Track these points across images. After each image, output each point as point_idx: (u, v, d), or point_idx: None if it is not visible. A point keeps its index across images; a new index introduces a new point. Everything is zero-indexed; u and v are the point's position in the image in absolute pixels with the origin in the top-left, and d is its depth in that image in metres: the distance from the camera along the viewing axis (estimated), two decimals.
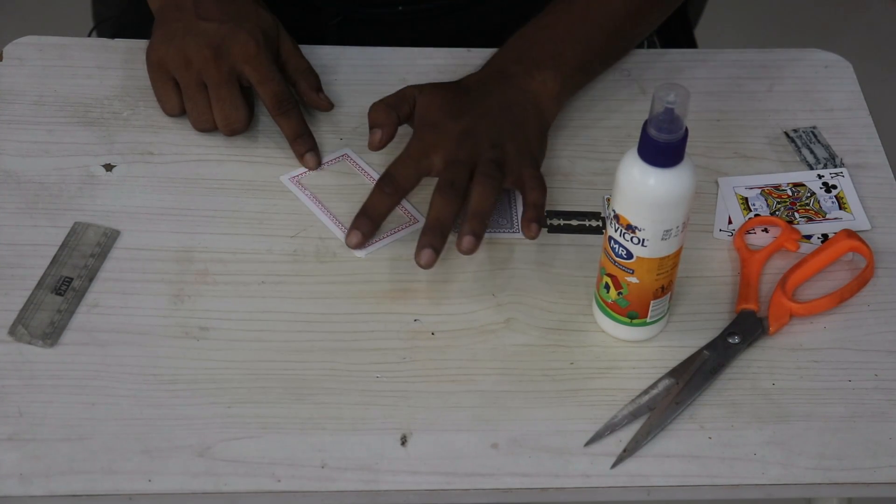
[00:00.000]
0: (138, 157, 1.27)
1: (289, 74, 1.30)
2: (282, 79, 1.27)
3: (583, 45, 1.31)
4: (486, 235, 1.23)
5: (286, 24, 1.32)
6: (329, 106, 1.30)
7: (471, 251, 1.17)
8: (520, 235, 1.23)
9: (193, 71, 1.26)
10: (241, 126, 1.28)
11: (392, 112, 1.25)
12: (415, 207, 1.25)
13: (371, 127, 1.24)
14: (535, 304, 1.18)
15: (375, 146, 1.24)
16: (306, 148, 1.27)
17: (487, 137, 1.22)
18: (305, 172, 1.27)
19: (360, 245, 1.20)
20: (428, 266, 1.16)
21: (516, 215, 1.24)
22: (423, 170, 1.21)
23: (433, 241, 1.17)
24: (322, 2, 1.47)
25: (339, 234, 1.22)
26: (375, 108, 1.25)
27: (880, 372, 1.16)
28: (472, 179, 1.20)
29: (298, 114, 1.28)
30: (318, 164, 1.27)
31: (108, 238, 1.20)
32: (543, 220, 1.20)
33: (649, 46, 1.51)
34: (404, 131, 1.26)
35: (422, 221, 1.23)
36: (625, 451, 1.09)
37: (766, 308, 1.19)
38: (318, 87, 1.31)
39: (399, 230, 1.23)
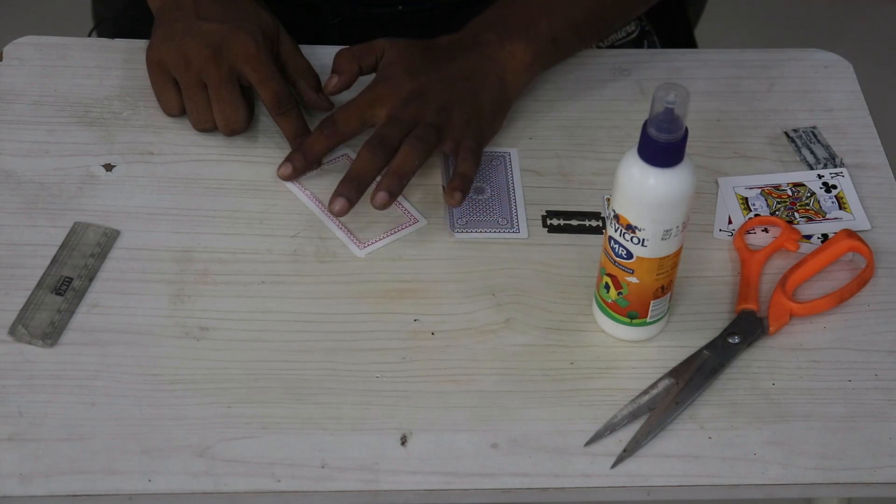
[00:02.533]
0: (138, 157, 1.27)
1: (289, 74, 1.30)
2: (282, 79, 1.27)
3: (560, 18, 1.31)
4: (486, 236, 1.23)
5: (286, 24, 1.32)
6: (329, 106, 1.30)
7: (382, 207, 1.19)
8: (520, 235, 1.23)
9: (193, 71, 1.26)
10: (240, 126, 1.28)
11: (354, 61, 1.28)
12: (414, 207, 1.25)
13: (332, 72, 1.28)
14: (535, 304, 1.18)
15: (330, 90, 1.28)
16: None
17: (436, 101, 1.24)
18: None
19: (290, 178, 1.24)
20: (340, 214, 1.20)
21: (515, 215, 1.24)
22: (366, 120, 1.25)
23: (349, 192, 1.20)
24: (322, 2, 1.47)
25: (340, 234, 1.22)
26: (340, 55, 1.28)
27: (880, 372, 1.16)
28: (405, 139, 1.22)
29: (298, 114, 1.28)
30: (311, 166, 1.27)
31: (108, 238, 1.20)
32: (467, 190, 1.21)
33: (649, 46, 1.51)
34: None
35: (423, 222, 1.23)
36: (625, 451, 1.09)
37: (766, 308, 1.19)
38: (318, 87, 1.31)
39: (399, 230, 1.23)
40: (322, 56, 1.36)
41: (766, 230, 1.25)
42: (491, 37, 1.28)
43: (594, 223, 1.25)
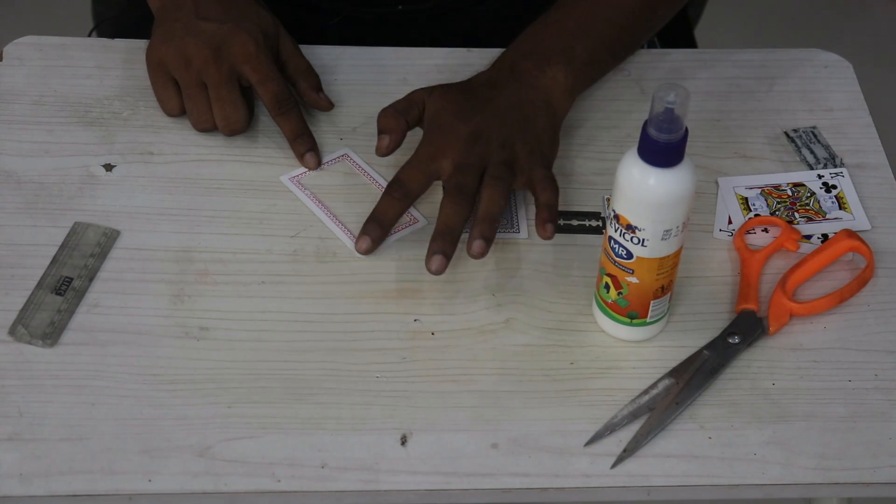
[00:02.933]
0: (138, 157, 1.27)
1: (289, 74, 1.30)
2: (282, 79, 1.27)
3: (593, 39, 1.30)
4: None
5: (286, 24, 1.32)
6: (329, 106, 1.30)
7: (481, 255, 1.17)
8: (520, 235, 1.23)
9: (193, 71, 1.26)
10: (241, 126, 1.28)
11: (400, 117, 1.24)
12: (414, 207, 1.25)
13: (379, 133, 1.24)
14: (535, 304, 1.18)
15: (383, 152, 1.24)
16: (306, 148, 1.27)
17: (497, 138, 1.22)
18: (305, 172, 1.27)
19: (370, 251, 1.20)
20: (438, 272, 1.16)
21: (515, 214, 1.24)
22: (431, 174, 1.21)
23: (444, 248, 1.17)
24: (322, 2, 1.47)
25: (340, 234, 1.22)
26: (384, 114, 1.25)
27: (880, 372, 1.16)
28: (482, 182, 1.20)
29: (298, 114, 1.28)
30: (318, 163, 1.27)
31: (108, 238, 1.20)
32: (556, 219, 1.20)
33: (649, 47, 1.51)
34: (414, 136, 1.26)
35: (423, 222, 1.23)
36: (625, 451, 1.09)
37: (766, 308, 1.19)
38: (318, 87, 1.31)
39: (399, 230, 1.23)
40: (322, 56, 1.36)
41: (766, 230, 1.25)
42: (529, 65, 1.27)
43: (594, 223, 1.25)
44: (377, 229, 1.20)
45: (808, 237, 1.25)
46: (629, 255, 1.11)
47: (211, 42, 1.25)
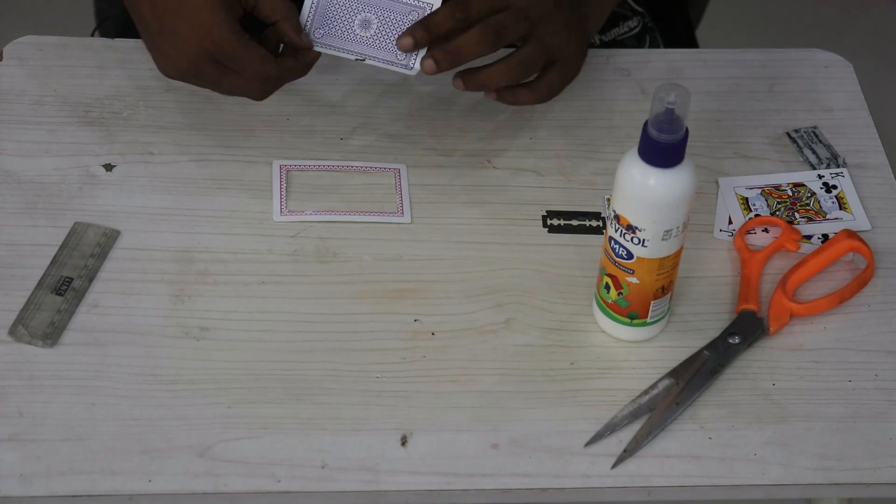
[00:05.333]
0: (138, 157, 1.27)
1: (265, 15, 1.22)
2: (255, 54, 1.19)
3: None
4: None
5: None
6: (311, 45, 1.22)
7: (428, 71, 1.18)
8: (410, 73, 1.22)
9: (192, 80, 1.21)
10: (276, 71, 1.20)
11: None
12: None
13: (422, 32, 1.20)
14: (535, 304, 1.18)
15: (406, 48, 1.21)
16: (290, 37, 1.21)
17: (565, 15, 1.21)
18: (300, 165, 1.26)
19: (409, 49, 1.19)
20: (404, 49, 1.18)
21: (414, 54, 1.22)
22: (499, 4, 1.19)
23: (421, 39, 1.18)
24: None
25: (270, 206, 1.22)
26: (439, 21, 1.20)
27: (880, 372, 1.16)
28: (523, 46, 1.19)
29: (249, 57, 1.19)
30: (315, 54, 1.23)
31: (108, 238, 1.20)
32: (449, 62, 1.19)
33: (651, 43, 1.51)
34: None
35: (406, 219, 1.23)
36: (625, 451, 1.09)
37: (767, 308, 1.19)
38: (298, 28, 1.22)
39: (381, 214, 1.22)
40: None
41: (766, 230, 1.25)
42: None
43: (594, 223, 1.25)
44: (424, 36, 1.18)
45: (809, 237, 1.25)
46: (629, 256, 1.11)
47: (175, 52, 1.19)
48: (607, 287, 1.14)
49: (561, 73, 1.23)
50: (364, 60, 1.22)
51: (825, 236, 1.25)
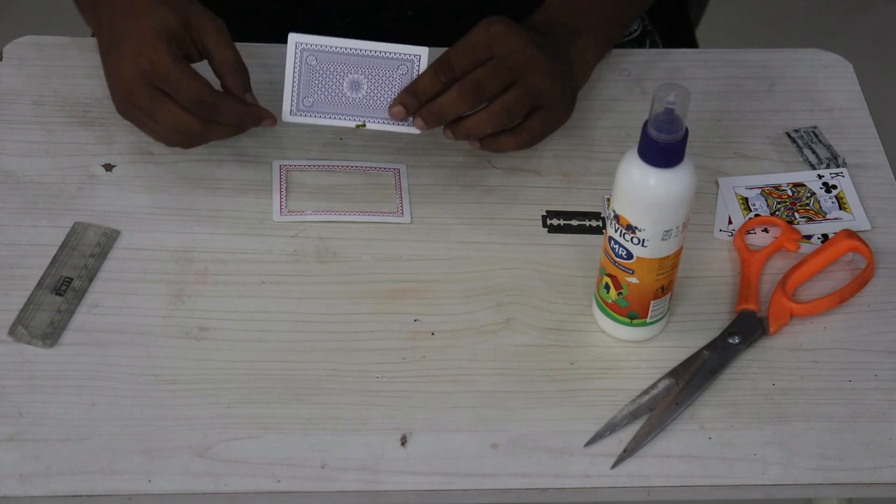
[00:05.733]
0: (138, 157, 1.27)
1: (214, 68, 1.22)
2: (192, 79, 1.17)
3: (615, 22, 1.32)
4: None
5: (292, 25, 1.30)
6: (269, 118, 1.22)
7: (419, 128, 1.20)
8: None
9: (134, 109, 1.20)
10: (211, 98, 1.18)
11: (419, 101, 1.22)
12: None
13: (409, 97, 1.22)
14: (535, 304, 1.18)
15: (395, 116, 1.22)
16: (255, 123, 1.21)
17: (549, 62, 1.21)
18: (300, 165, 1.26)
19: (403, 116, 1.21)
20: (397, 117, 1.20)
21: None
22: (481, 57, 1.20)
23: (411, 105, 1.20)
24: (330, 4, 1.46)
25: (270, 206, 1.22)
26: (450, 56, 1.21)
27: (880, 372, 1.16)
28: (506, 92, 1.20)
29: (226, 105, 1.19)
30: (274, 122, 1.22)
31: (108, 238, 1.20)
32: (434, 120, 1.20)
33: (651, 45, 1.51)
34: None
35: (406, 219, 1.23)
36: (625, 451, 1.09)
37: (767, 308, 1.19)
38: (247, 86, 1.22)
39: (382, 214, 1.23)
40: None
41: (766, 230, 1.25)
42: (563, 32, 1.27)
43: (594, 223, 1.25)
44: (414, 102, 1.20)
45: (809, 237, 1.25)
46: (629, 256, 1.11)
47: (118, 93, 1.20)
48: (607, 287, 1.14)
49: (543, 119, 1.23)
50: (365, 126, 1.22)
51: (825, 236, 1.25)
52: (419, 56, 1.21)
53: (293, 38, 1.21)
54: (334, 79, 1.22)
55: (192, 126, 1.20)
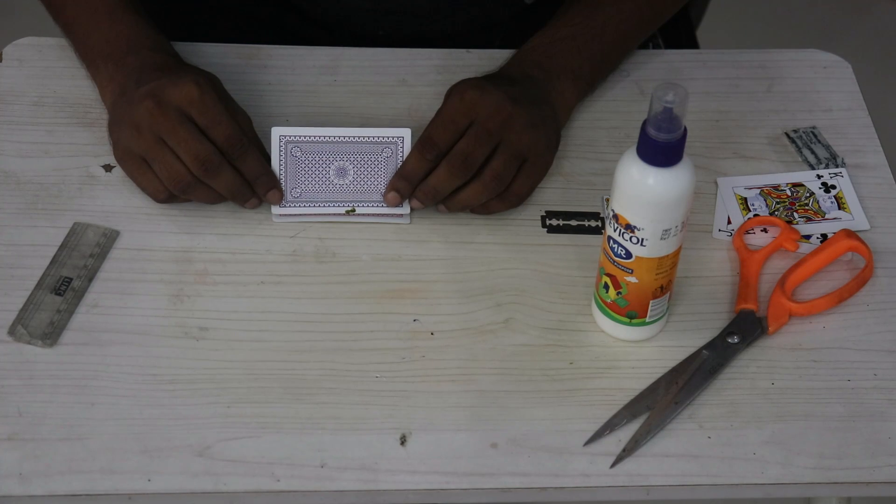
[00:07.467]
0: None
1: (247, 174, 1.22)
2: (232, 120, 1.19)
3: (598, 61, 1.32)
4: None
5: (278, 28, 1.29)
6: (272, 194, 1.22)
7: (416, 207, 1.22)
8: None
9: (146, 131, 1.18)
10: (213, 158, 1.18)
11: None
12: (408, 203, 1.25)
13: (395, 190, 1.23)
14: (535, 304, 1.18)
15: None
16: (268, 188, 1.22)
17: (527, 115, 1.22)
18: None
19: (398, 202, 1.22)
20: (392, 203, 1.21)
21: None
22: (461, 126, 1.21)
23: (405, 190, 1.21)
24: (311, 16, 1.43)
25: (269, 206, 1.22)
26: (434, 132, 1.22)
27: (879, 372, 1.16)
28: (493, 159, 1.20)
29: (255, 154, 1.21)
30: (281, 197, 1.22)
31: (108, 238, 1.21)
32: (429, 199, 1.21)
33: (653, 48, 1.51)
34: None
35: (406, 220, 1.23)
36: (624, 450, 1.09)
37: (766, 308, 1.19)
38: (275, 181, 1.23)
39: (384, 214, 1.23)
40: (321, 56, 1.36)
41: (765, 230, 1.25)
42: (541, 75, 1.28)
43: (593, 223, 1.25)
44: (406, 186, 1.21)
45: (808, 237, 1.25)
46: (628, 255, 1.11)
47: (152, 95, 1.18)
48: (606, 287, 1.14)
49: (529, 174, 1.23)
50: (355, 211, 1.23)
51: (824, 236, 1.25)
52: (402, 137, 1.22)
53: (276, 131, 1.22)
54: (320, 167, 1.23)
55: (213, 154, 1.19)
